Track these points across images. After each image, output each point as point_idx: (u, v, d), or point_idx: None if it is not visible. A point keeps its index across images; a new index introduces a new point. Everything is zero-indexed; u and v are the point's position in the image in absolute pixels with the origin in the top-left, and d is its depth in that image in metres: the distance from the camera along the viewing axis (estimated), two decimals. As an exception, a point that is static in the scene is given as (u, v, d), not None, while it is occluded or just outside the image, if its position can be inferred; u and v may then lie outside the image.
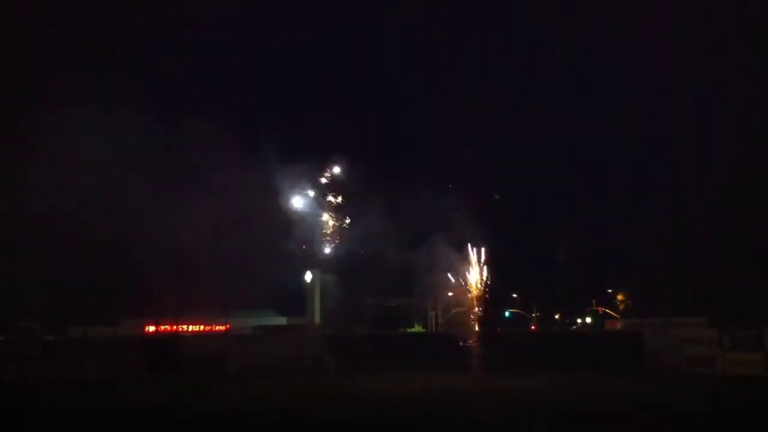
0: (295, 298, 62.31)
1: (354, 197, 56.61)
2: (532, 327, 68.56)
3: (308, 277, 62.69)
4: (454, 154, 67.03)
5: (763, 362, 31.26)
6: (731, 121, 51.36)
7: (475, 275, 61.82)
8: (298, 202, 58.03)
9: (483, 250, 61.54)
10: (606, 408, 22.72)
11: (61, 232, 40.53)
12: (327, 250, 61.24)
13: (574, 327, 70.66)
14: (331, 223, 60.09)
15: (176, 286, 48.70)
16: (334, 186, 58.63)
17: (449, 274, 61.49)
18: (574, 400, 24.86)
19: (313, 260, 60.01)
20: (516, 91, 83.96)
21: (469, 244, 61.62)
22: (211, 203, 43.57)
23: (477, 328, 60.28)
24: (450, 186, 61.27)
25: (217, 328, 59.43)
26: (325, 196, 59.07)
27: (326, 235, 60.11)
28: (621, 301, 68.96)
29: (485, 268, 61.46)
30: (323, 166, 57.95)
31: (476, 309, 61.11)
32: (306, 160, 57.15)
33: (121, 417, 22.10)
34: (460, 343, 42.34)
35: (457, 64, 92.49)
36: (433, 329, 62.40)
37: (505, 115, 78.97)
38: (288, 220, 56.21)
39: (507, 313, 72.63)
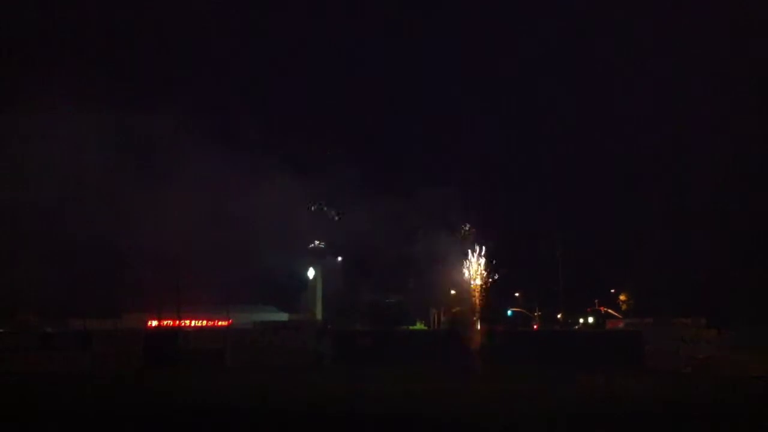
0: (297, 295, 62.39)
1: (354, 194, 56.39)
2: (534, 326, 68.36)
3: (311, 273, 62.82)
4: (456, 152, 67.07)
5: (761, 362, 31.09)
6: (731, 121, 51.24)
7: (476, 273, 61.44)
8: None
9: (484, 248, 61.21)
10: (605, 406, 22.61)
11: (62, 225, 40.61)
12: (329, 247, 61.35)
13: (576, 327, 70.39)
14: (333, 217, 59.99)
15: (177, 281, 48.76)
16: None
17: (450, 272, 61.22)
18: (573, 398, 24.74)
19: (317, 255, 60.08)
20: (518, 90, 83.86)
21: (471, 242, 61.36)
22: (212, 199, 43.58)
23: (479, 326, 60.12)
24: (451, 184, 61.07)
25: (220, 323, 59.71)
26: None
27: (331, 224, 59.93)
28: (623, 301, 68.74)
29: (486, 264, 61.07)
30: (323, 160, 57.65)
31: (477, 307, 60.82)
32: (305, 151, 57.09)
33: (108, 408, 22.14)
34: (462, 342, 42.16)
35: (457, 63, 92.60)
36: (435, 327, 62.32)
37: (507, 115, 78.97)
38: (292, 216, 56.11)
39: (509, 312, 72.39)
